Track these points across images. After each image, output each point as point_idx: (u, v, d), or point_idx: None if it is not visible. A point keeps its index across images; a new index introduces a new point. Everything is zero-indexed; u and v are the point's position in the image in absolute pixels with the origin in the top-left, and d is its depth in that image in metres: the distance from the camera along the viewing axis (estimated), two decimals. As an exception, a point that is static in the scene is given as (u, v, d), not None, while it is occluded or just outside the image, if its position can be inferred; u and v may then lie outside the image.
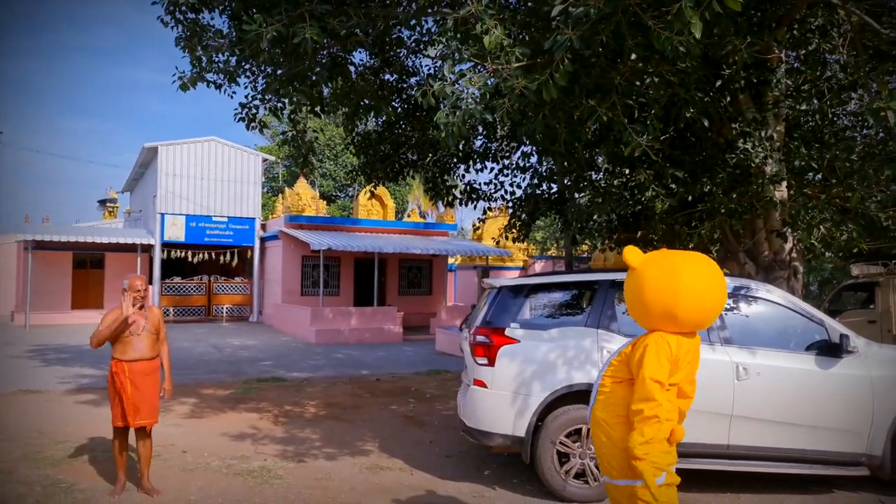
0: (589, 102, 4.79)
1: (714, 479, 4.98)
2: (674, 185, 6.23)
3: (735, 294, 4.99)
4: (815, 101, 6.54)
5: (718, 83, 5.89)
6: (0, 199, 56.24)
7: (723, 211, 5.96)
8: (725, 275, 6.20)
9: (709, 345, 4.73)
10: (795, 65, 6.43)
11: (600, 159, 8.01)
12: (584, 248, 24.30)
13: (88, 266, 21.63)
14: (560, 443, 4.59)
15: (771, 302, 4.97)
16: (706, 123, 5.53)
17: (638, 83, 5.12)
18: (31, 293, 18.60)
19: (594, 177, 8.38)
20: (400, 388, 9.41)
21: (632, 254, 2.98)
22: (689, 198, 6.35)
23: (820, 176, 7.18)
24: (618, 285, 5.00)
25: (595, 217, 7.37)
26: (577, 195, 8.30)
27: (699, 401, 4.56)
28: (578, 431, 4.61)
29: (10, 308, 21.45)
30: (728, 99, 6.12)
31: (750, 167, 5.71)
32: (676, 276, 2.82)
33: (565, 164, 8.01)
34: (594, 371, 4.63)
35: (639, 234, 7.86)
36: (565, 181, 8.42)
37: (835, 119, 6.74)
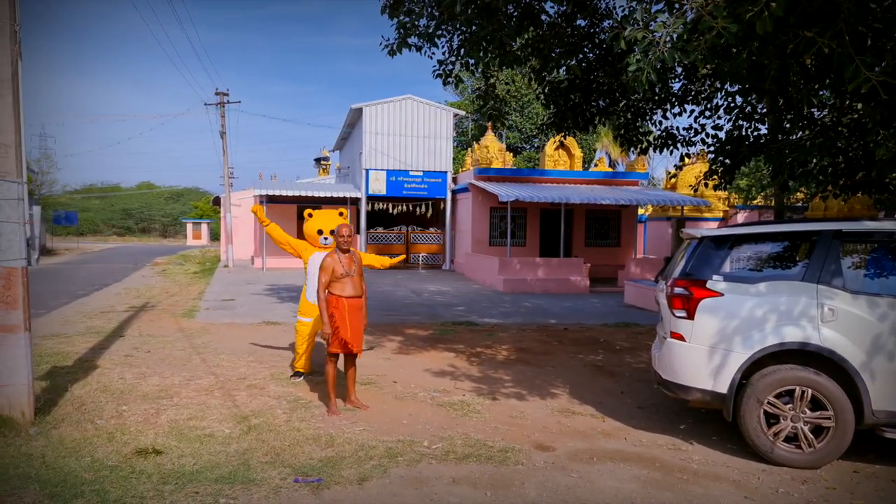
0: (805, 34, 4.22)
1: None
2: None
3: None
4: None
5: None
6: (241, 159, 65.78)
7: None
8: None
9: None
10: None
11: (823, 93, 7.00)
12: (799, 195, 21.56)
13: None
14: (768, 403, 4.34)
15: None
16: None
17: (874, 5, 4.37)
18: (265, 240, 21.76)
19: (815, 114, 7.37)
20: (588, 338, 9.46)
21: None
22: None
23: None
24: (844, 236, 4.47)
25: (815, 160, 6.53)
26: (791, 136, 7.38)
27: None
28: (791, 393, 4.31)
29: (251, 253, 25.33)
30: None
31: None
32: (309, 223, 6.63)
33: (779, 101, 7.16)
34: (811, 329, 4.26)
35: (870, 177, 6.81)
36: (778, 122, 7.52)
37: None
